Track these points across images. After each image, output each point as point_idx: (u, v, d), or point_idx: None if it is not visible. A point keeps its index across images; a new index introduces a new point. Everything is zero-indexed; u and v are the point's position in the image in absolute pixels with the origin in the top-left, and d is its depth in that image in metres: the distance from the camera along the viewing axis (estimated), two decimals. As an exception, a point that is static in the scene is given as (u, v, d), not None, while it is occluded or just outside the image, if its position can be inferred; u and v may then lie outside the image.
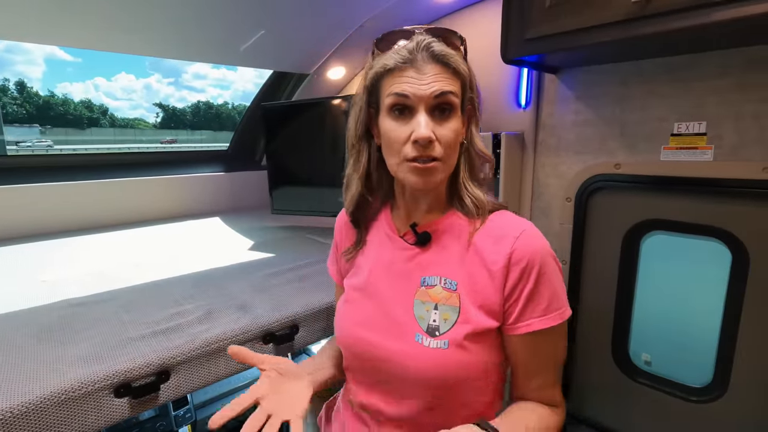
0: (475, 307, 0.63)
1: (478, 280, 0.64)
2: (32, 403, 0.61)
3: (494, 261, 0.63)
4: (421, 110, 0.61)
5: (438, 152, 0.62)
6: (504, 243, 0.63)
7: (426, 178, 0.63)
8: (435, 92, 0.61)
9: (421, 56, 0.62)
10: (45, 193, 1.63)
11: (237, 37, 1.68)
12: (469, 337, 0.63)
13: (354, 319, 0.73)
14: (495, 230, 0.66)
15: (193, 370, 0.79)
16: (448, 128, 0.63)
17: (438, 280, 0.66)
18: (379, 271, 0.72)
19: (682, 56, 1.18)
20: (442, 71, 0.63)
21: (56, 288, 1.08)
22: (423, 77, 0.61)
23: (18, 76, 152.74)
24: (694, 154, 1.19)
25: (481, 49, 1.61)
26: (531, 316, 0.63)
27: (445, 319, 0.64)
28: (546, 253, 0.64)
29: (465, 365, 0.63)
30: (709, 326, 1.27)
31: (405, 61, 0.62)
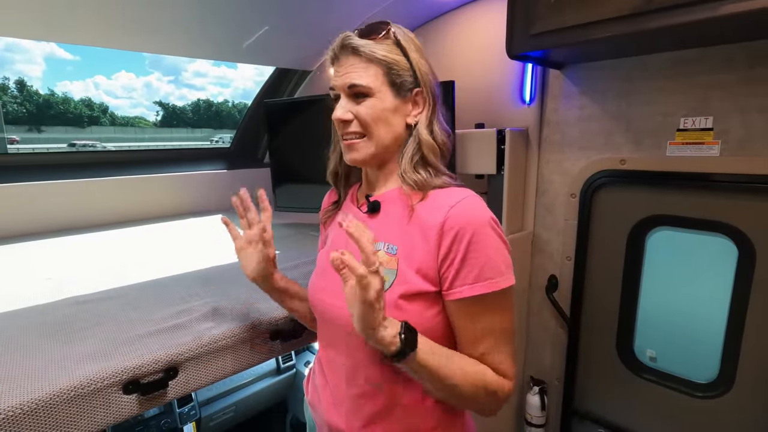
0: (412, 270, 0.68)
1: (416, 245, 0.69)
2: (42, 401, 0.61)
3: (430, 227, 0.68)
4: (343, 96, 0.73)
5: (355, 128, 0.73)
6: (440, 211, 0.68)
7: (352, 153, 0.74)
8: (346, 84, 0.72)
9: (340, 52, 0.73)
10: (48, 191, 1.63)
11: (239, 34, 1.67)
12: (403, 297, 0.67)
13: (317, 285, 0.81)
14: (435, 201, 0.71)
15: (201, 367, 0.79)
16: (364, 106, 0.72)
17: (382, 245, 0.72)
18: (338, 240, 0.81)
19: (688, 50, 1.17)
20: (357, 61, 0.72)
21: (61, 286, 1.08)
22: (341, 69, 0.73)
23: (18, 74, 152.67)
24: (701, 150, 1.18)
25: (485, 45, 1.61)
26: (463, 282, 0.66)
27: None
28: (481, 223, 0.66)
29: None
30: (714, 322, 1.27)
31: (331, 59, 0.75)
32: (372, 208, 0.77)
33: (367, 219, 0.77)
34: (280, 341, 0.91)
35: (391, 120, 0.73)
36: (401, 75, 0.73)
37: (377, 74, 0.71)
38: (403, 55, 0.73)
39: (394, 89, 0.73)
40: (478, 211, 0.67)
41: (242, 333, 0.85)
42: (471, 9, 1.65)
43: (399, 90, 0.73)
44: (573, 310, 1.53)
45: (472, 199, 0.69)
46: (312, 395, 0.86)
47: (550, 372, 1.64)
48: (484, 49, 1.61)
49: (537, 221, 1.58)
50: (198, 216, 1.97)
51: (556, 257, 1.55)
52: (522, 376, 1.74)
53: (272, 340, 0.90)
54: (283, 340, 0.91)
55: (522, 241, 1.57)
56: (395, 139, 0.75)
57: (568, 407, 1.60)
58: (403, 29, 0.76)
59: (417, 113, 0.75)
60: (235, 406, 1.78)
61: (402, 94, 0.74)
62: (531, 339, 1.69)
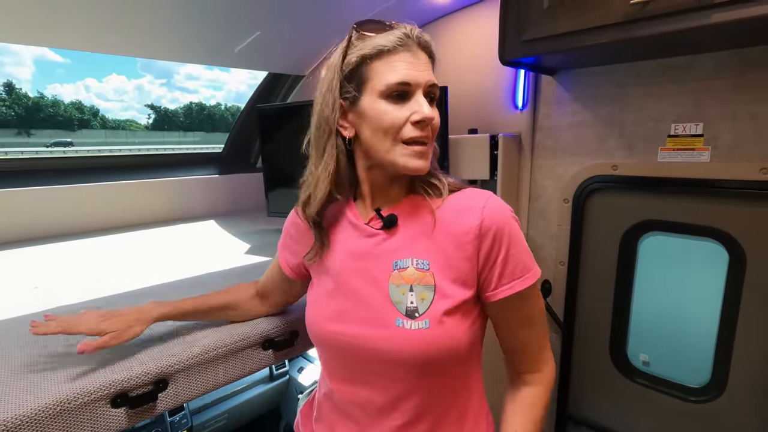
0: (448, 281, 0.65)
1: (449, 254, 0.65)
2: (26, 416, 0.59)
3: (464, 233, 0.64)
4: (419, 93, 0.64)
5: (429, 134, 0.66)
6: (471, 214, 0.65)
7: (419, 161, 0.65)
8: (429, 81, 0.65)
9: (413, 43, 0.64)
10: (34, 197, 1.60)
11: (231, 38, 1.66)
12: (448, 312, 0.64)
13: (325, 315, 0.71)
14: (458, 205, 0.67)
15: (192, 379, 0.78)
16: (436, 113, 0.65)
17: (410, 261, 0.66)
18: (348, 263, 0.71)
19: (679, 57, 1.18)
20: (428, 61, 0.66)
21: (49, 295, 1.05)
22: (418, 63, 0.64)
23: (6, 77, 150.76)
24: (692, 155, 1.19)
25: (478, 51, 1.62)
26: (511, 278, 0.65)
27: (422, 299, 0.64)
28: (512, 218, 0.66)
29: (448, 340, 0.64)
30: (706, 326, 1.28)
31: (401, 44, 0.63)
32: (388, 224, 0.69)
33: (384, 236, 0.69)
34: (273, 350, 0.89)
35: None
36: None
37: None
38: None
39: None
40: (505, 207, 0.67)
41: (234, 343, 0.83)
42: (463, 14, 1.65)
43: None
44: (566, 315, 1.53)
45: (494, 196, 0.67)
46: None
47: (544, 377, 1.64)
48: (476, 55, 1.62)
49: (530, 226, 1.58)
50: (190, 222, 1.95)
51: (549, 262, 1.55)
52: (516, 381, 1.73)
53: (264, 350, 0.89)
54: (276, 350, 0.90)
55: (516, 246, 1.57)
56: None
57: (563, 412, 1.60)
58: None
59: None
60: (227, 414, 1.76)
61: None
62: (525, 344, 1.69)
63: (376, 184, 0.71)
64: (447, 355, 0.64)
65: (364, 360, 0.67)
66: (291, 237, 0.83)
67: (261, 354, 0.89)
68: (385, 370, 0.66)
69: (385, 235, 0.69)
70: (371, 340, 0.65)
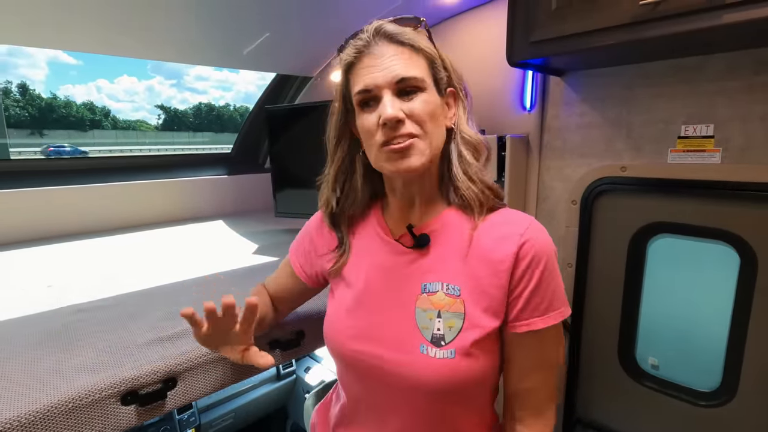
0: (479, 310, 0.61)
1: (483, 281, 0.61)
2: (39, 412, 0.60)
3: (501, 260, 0.60)
4: (387, 94, 0.60)
5: (411, 128, 0.60)
6: (510, 240, 0.60)
7: (404, 161, 0.60)
8: (395, 78, 0.59)
9: (375, 41, 0.61)
10: (48, 197, 1.63)
11: (241, 40, 1.68)
12: (476, 343, 0.60)
13: (349, 333, 0.68)
14: (498, 227, 0.63)
15: (200, 377, 0.79)
16: (419, 101, 0.60)
17: (440, 285, 0.63)
18: (376, 278, 0.68)
19: (690, 58, 1.17)
20: (399, 51, 0.61)
21: (62, 293, 1.07)
22: (381, 62, 0.60)
23: (20, 78, 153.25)
24: (702, 157, 1.18)
25: (485, 52, 1.61)
26: (533, 314, 0.61)
27: (449, 327, 0.61)
28: (551, 250, 0.62)
29: (473, 372, 0.61)
30: (717, 330, 1.26)
31: (359, 51, 0.62)
32: (421, 243, 0.65)
33: (415, 255, 0.66)
34: (280, 350, 0.90)
35: (439, 120, 0.63)
36: (440, 71, 0.65)
37: (424, 67, 0.62)
38: (435, 48, 0.65)
39: (436, 86, 0.64)
40: (547, 236, 0.63)
41: (242, 342, 0.84)
42: (471, 16, 1.65)
43: (439, 88, 0.64)
44: (574, 317, 1.52)
45: (537, 223, 0.63)
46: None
47: (551, 379, 1.63)
48: (484, 56, 1.61)
49: (538, 228, 1.57)
50: (199, 221, 1.97)
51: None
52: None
53: (271, 350, 0.89)
54: (283, 349, 0.91)
55: (523, 248, 1.56)
56: (442, 144, 0.65)
57: (571, 416, 1.58)
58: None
59: (452, 114, 0.67)
60: (234, 413, 1.77)
61: (441, 92, 0.65)
62: (532, 346, 1.68)
63: (398, 194, 0.68)
64: (471, 386, 0.62)
65: (382, 383, 0.65)
66: (312, 241, 0.80)
67: (270, 353, 0.89)
68: (404, 395, 0.64)
69: (416, 254, 0.66)
70: (392, 364, 0.63)
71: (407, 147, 0.59)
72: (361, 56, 0.62)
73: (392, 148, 0.60)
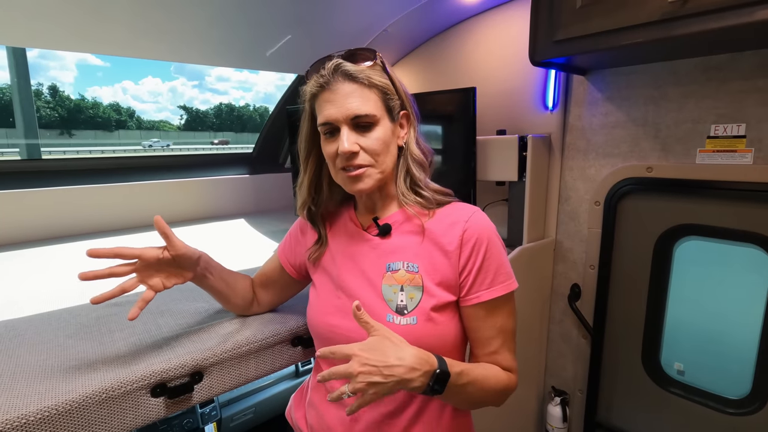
0: (434, 284, 0.72)
1: (435, 260, 0.72)
2: (76, 402, 0.63)
3: (449, 242, 0.72)
4: (344, 127, 0.69)
5: (364, 160, 0.70)
6: (457, 226, 0.72)
7: (357, 184, 0.72)
8: (350, 115, 0.69)
9: (334, 77, 0.70)
10: (79, 196, 1.69)
11: (263, 42, 1.70)
12: (435, 309, 0.71)
13: (325, 310, 0.79)
14: (446, 218, 0.75)
15: (225, 372, 0.81)
16: (371, 138, 0.70)
17: (401, 264, 0.74)
18: (347, 264, 0.79)
19: (720, 56, 1.14)
20: (355, 88, 0.69)
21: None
22: (338, 98, 0.69)
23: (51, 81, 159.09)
24: (733, 158, 1.15)
25: (507, 51, 1.60)
26: (479, 288, 0.71)
27: (411, 298, 0.72)
28: (491, 233, 0.73)
29: (434, 335, 0.71)
30: (747, 335, 1.22)
31: (321, 86, 0.70)
32: (384, 231, 0.77)
33: (379, 241, 0.78)
34: (302, 347, 0.92)
35: (391, 146, 0.74)
36: (392, 99, 0.74)
37: (376, 101, 0.71)
38: (389, 79, 0.74)
39: (389, 114, 0.73)
40: (487, 222, 0.74)
41: (264, 339, 0.86)
42: (493, 15, 1.64)
43: (392, 114, 0.74)
44: (596, 320, 1.49)
45: (479, 213, 0.75)
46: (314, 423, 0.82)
47: (572, 383, 1.61)
48: (506, 55, 1.60)
49: (559, 229, 1.55)
50: (221, 220, 2.01)
51: (579, 266, 1.52)
52: (543, 386, 1.71)
53: (293, 347, 0.91)
54: (304, 347, 0.92)
55: (543, 249, 1.54)
56: (394, 163, 0.76)
57: (592, 419, 1.56)
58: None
59: (404, 134, 0.77)
60: (254, 408, 1.80)
61: (393, 118, 0.74)
62: (552, 348, 1.66)
63: (367, 200, 0.80)
64: (433, 349, 0.67)
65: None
66: (297, 239, 0.90)
67: (290, 351, 0.91)
68: None
69: (380, 241, 0.77)
70: (363, 334, 0.68)
71: (360, 174, 0.71)
72: (323, 90, 0.70)
73: (347, 175, 0.71)
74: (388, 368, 0.59)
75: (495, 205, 1.65)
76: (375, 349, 0.60)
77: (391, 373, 0.59)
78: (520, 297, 1.47)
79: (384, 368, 0.59)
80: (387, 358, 0.59)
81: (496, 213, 1.63)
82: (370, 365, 0.59)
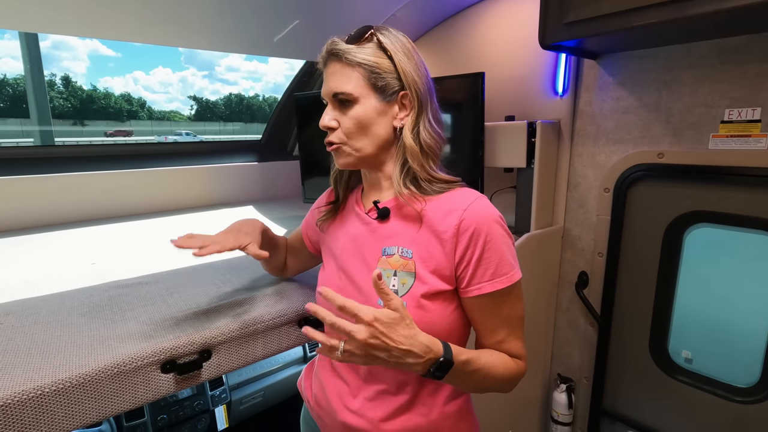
0: (428, 272, 0.71)
1: (431, 249, 0.71)
2: (89, 375, 0.65)
3: (444, 230, 0.70)
4: (329, 103, 0.75)
5: (335, 137, 0.74)
6: (454, 214, 0.70)
7: (337, 159, 0.77)
8: (330, 92, 0.73)
9: (328, 58, 0.74)
10: (91, 182, 1.72)
11: (271, 28, 1.70)
12: (425, 296, 0.70)
13: (329, 286, 0.78)
14: (445, 205, 0.72)
15: (233, 350, 0.83)
16: (348, 116, 0.73)
17: (396, 249, 0.74)
18: (348, 244, 0.80)
19: (735, 38, 1.11)
20: (340, 67, 0.72)
21: (105, 270, 1.14)
22: (328, 76, 0.74)
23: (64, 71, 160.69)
24: (747, 143, 1.12)
25: (516, 35, 1.58)
26: (481, 280, 0.69)
27: (403, 284, 0.72)
28: (492, 222, 0.70)
29: (424, 323, 0.69)
30: (757, 323, 1.21)
31: (322, 65, 0.76)
32: (382, 215, 0.77)
33: (378, 225, 0.78)
34: (176, 374, 0.91)
35: (375, 126, 0.73)
36: (384, 78, 0.72)
37: (359, 79, 0.71)
38: (387, 57, 0.72)
39: (378, 93, 0.72)
40: (488, 211, 0.71)
41: (272, 319, 0.87)
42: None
43: (383, 93, 0.73)
44: (604, 307, 1.49)
45: (481, 200, 0.72)
46: (317, 393, 0.85)
47: (578, 370, 1.61)
48: (515, 40, 1.58)
49: (568, 216, 1.54)
50: (230, 207, 2.03)
51: (587, 253, 1.51)
52: (548, 373, 1.71)
53: (300, 327, 0.92)
54: (313, 328, 0.93)
55: (551, 236, 1.54)
56: (382, 145, 0.75)
57: (597, 407, 1.56)
58: (395, 32, 0.75)
59: (404, 116, 0.75)
60: (263, 391, 1.84)
61: (387, 98, 0.73)
62: (558, 336, 1.66)
63: (365, 176, 0.83)
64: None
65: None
66: (315, 215, 0.93)
67: (297, 332, 0.92)
68: None
69: (379, 224, 0.78)
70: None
71: (335, 149, 0.76)
72: (323, 69, 0.76)
73: (328, 148, 0.77)
74: (396, 350, 0.59)
75: (503, 192, 1.64)
76: (390, 327, 0.59)
77: (396, 356, 0.60)
78: (526, 284, 1.47)
79: (393, 349, 0.59)
80: (398, 341, 0.59)
81: (504, 200, 1.62)
82: (380, 340, 0.59)
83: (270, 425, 1.94)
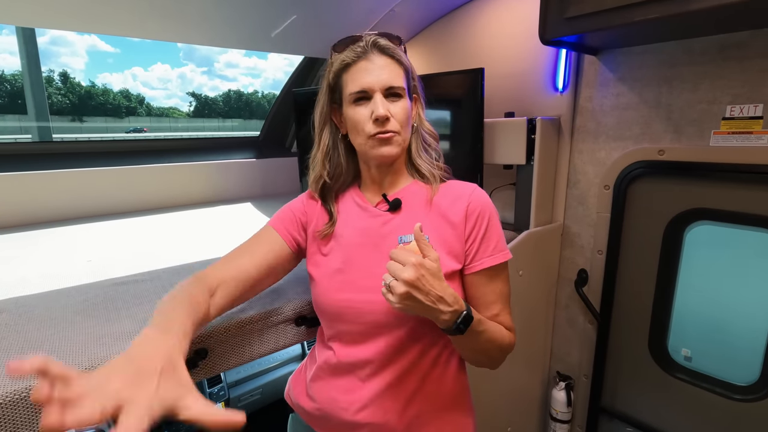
0: (444, 252, 0.77)
1: (444, 232, 0.78)
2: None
3: (455, 213, 0.79)
4: (378, 95, 0.75)
5: (393, 126, 0.76)
6: (462, 200, 0.79)
7: (385, 146, 0.77)
8: (385, 84, 0.75)
9: (371, 50, 0.76)
10: (89, 178, 1.71)
11: (268, 23, 1.68)
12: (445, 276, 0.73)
13: (330, 287, 0.81)
14: (450, 193, 0.81)
15: (229, 349, 0.82)
16: (399, 107, 0.77)
17: (413, 236, 0.74)
18: (357, 240, 0.82)
19: (737, 33, 1.10)
20: (388, 62, 0.77)
21: (101, 268, 1.13)
22: (375, 68, 0.76)
23: (62, 67, 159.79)
24: (748, 140, 1.11)
25: (516, 30, 1.56)
26: (483, 255, 0.78)
27: None
28: (491, 207, 0.81)
29: None
30: (757, 321, 1.21)
31: (358, 56, 0.76)
32: (394, 206, 0.82)
33: (391, 216, 0.82)
34: (306, 327, 0.92)
35: (409, 121, 0.81)
36: (412, 81, 0.82)
37: (403, 77, 0.78)
38: (408, 62, 0.82)
39: (408, 93, 0.80)
40: (487, 198, 0.81)
41: (268, 318, 0.87)
42: (502, -7, 1.60)
43: (410, 94, 0.81)
44: (603, 305, 1.48)
45: (479, 188, 0.82)
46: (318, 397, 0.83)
47: (577, 368, 1.61)
48: (515, 35, 1.56)
49: (567, 213, 1.53)
50: (228, 204, 2.02)
51: (586, 251, 1.50)
52: (547, 371, 1.71)
53: (297, 326, 0.92)
54: (308, 326, 0.93)
55: (551, 234, 1.53)
56: (409, 138, 0.82)
57: (596, 404, 1.56)
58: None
59: (415, 114, 0.84)
60: (262, 389, 1.83)
61: (411, 99, 0.82)
62: (557, 333, 1.66)
63: (373, 171, 0.84)
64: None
65: (370, 322, 0.78)
66: (301, 212, 0.88)
67: (294, 330, 0.92)
68: (390, 328, 0.77)
69: (390, 216, 0.82)
70: (379, 304, 0.75)
71: (390, 137, 0.77)
72: (359, 60, 0.76)
73: (380, 137, 0.76)
74: (433, 294, 0.64)
75: (502, 189, 1.63)
76: (432, 273, 0.65)
77: (432, 299, 0.64)
78: (526, 281, 1.47)
79: (430, 292, 0.64)
80: (435, 286, 0.65)
81: (504, 197, 1.62)
82: (421, 282, 0.63)
83: (268, 422, 1.94)
